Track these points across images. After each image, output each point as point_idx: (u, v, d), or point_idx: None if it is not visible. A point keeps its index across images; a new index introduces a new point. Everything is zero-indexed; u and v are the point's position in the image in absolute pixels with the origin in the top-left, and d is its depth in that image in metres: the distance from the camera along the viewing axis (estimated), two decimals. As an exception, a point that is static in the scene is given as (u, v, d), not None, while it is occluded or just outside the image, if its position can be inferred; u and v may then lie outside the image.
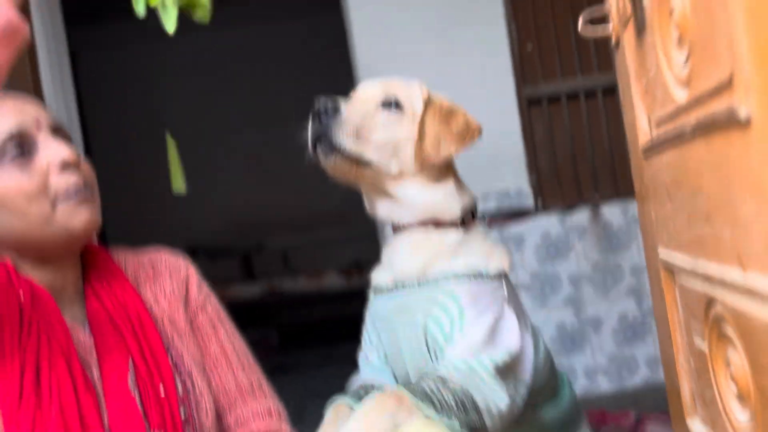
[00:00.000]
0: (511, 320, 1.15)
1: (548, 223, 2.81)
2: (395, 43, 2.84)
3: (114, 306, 1.07)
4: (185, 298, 1.16)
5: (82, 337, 1.03)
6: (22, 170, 0.96)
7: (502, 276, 1.21)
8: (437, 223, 1.20)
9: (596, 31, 1.00)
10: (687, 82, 0.71)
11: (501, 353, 1.10)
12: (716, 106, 0.61)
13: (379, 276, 1.25)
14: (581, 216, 2.83)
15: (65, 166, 0.99)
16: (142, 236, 5.41)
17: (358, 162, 1.16)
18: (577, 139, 2.91)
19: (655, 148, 0.86)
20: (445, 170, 1.24)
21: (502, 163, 2.76)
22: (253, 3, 5.56)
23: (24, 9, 0.85)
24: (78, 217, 0.99)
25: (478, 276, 1.17)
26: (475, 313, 1.12)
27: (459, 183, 1.25)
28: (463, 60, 2.79)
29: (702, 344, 0.80)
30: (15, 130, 0.97)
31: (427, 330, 1.14)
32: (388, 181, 1.20)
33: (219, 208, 5.83)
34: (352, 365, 1.27)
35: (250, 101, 5.82)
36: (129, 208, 5.32)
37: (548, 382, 1.24)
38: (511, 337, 1.13)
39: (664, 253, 0.89)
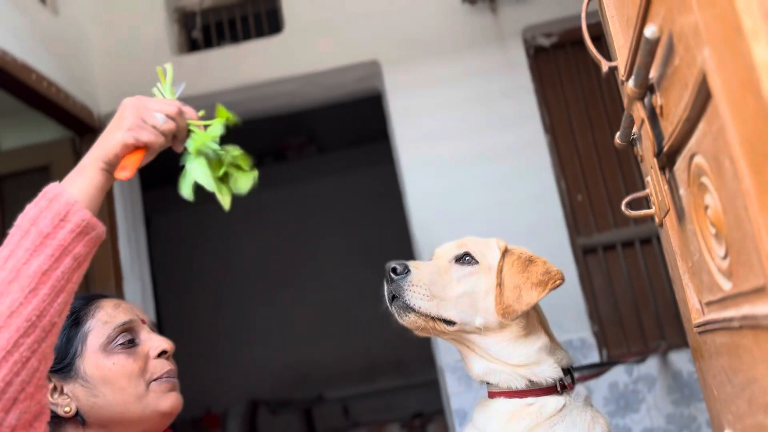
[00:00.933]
0: None
1: (615, 373, 2.73)
2: (446, 198, 2.96)
3: None
4: None
5: None
6: (127, 355, 1.14)
7: None
8: (534, 390, 1.17)
9: (639, 212, 1.06)
10: (729, 274, 0.75)
11: None
12: (758, 308, 0.64)
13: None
14: (649, 365, 2.74)
15: (162, 354, 1.18)
16: (206, 390, 5.48)
17: (436, 319, 1.18)
18: (637, 287, 2.89)
19: (708, 328, 0.88)
20: (536, 325, 1.23)
21: (563, 314, 2.75)
22: (310, 160, 5.91)
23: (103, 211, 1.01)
24: (166, 399, 1.15)
25: None
26: None
27: (553, 341, 1.24)
28: (516, 214, 2.88)
29: None
30: (125, 323, 1.16)
31: None
32: (474, 336, 1.21)
33: (279, 361, 5.87)
34: None
35: (308, 255, 6.02)
36: (193, 362, 5.41)
37: None
38: None
39: (732, 434, 0.88)
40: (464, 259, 1.23)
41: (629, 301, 2.88)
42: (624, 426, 2.66)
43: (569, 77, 3.12)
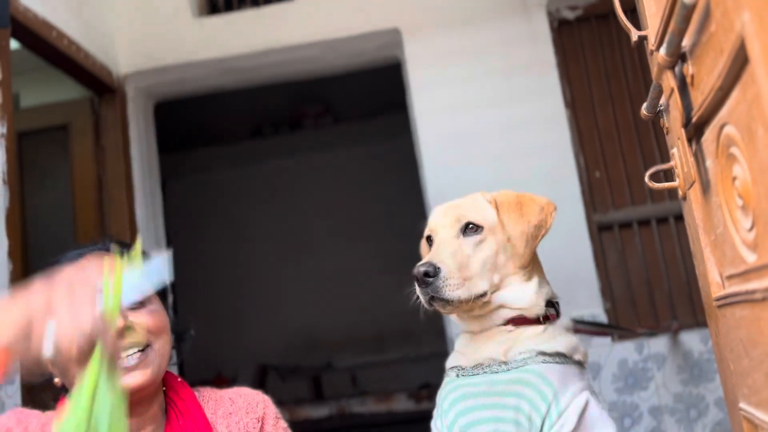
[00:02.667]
0: (595, 406, 1.17)
1: (624, 350, 2.74)
2: (464, 171, 2.95)
3: None
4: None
5: None
6: None
7: (584, 366, 1.25)
8: (522, 320, 1.23)
9: (663, 185, 1.05)
10: (754, 247, 0.74)
11: None
12: (783, 278, 0.64)
13: (456, 360, 1.27)
14: (659, 344, 2.75)
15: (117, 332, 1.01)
16: (217, 354, 5.55)
17: (472, 298, 1.21)
18: (651, 265, 2.88)
19: (728, 301, 0.88)
20: (533, 264, 1.28)
21: (576, 289, 2.75)
22: (324, 130, 5.90)
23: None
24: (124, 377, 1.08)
25: (563, 359, 1.20)
26: (568, 397, 1.15)
27: (542, 276, 1.29)
28: (533, 189, 2.85)
29: (792, 508, 0.77)
30: None
31: (520, 411, 1.15)
32: (493, 296, 1.25)
33: (289, 328, 5.93)
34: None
35: (320, 223, 6.04)
36: (205, 326, 5.48)
37: None
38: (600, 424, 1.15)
39: (746, 408, 0.89)
40: (469, 228, 1.24)
41: (642, 280, 2.87)
42: (632, 403, 2.68)
43: (592, 51, 3.07)
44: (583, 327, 2.29)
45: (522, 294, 1.24)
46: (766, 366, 0.76)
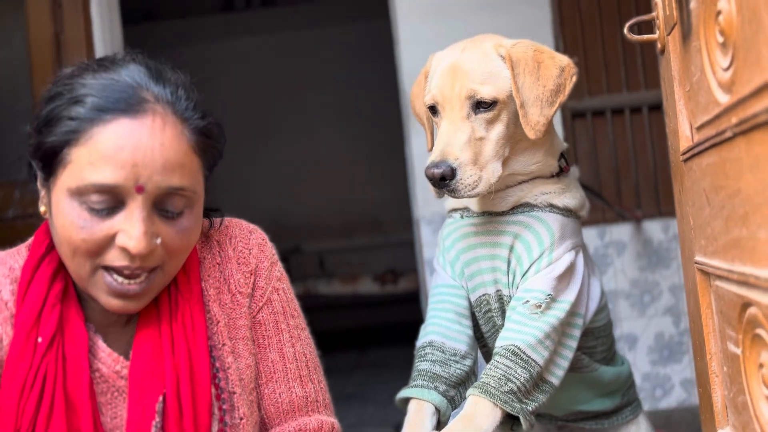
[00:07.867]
0: (580, 265, 1.17)
1: (587, 236, 2.78)
2: (441, 49, 2.85)
3: (170, 329, 0.93)
4: (251, 292, 1.03)
5: (115, 365, 0.92)
6: (90, 218, 0.84)
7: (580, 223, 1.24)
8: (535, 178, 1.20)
9: (641, 36, 1.01)
10: (730, 86, 0.72)
11: (567, 301, 1.12)
12: (757, 106, 0.62)
13: (461, 204, 1.24)
14: (621, 231, 2.80)
15: (124, 252, 0.85)
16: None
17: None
18: (620, 155, 2.88)
19: (696, 151, 0.86)
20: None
21: (542, 174, 2.74)
22: (297, 7, 5.65)
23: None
24: (108, 301, 0.88)
25: (570, 214, 1.19)
26: (562, 250, 1.15)
27: (553, 133, 1.22)
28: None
29: (736, 349, 0.80)
30: (105, 187, 0.83)
31: (513, 250, 1.16)
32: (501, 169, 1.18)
33: (258, 211, 5.91)
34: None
35: (291, 107, 5.90)
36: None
37: (605, 332, 1.27)
38: (578, 283, 1.15)
39: (701, 260, 0.89)
40: (481, 105, 1.10)
41: (611, 169, 2.88)
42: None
43: (581, -71, 2.92)
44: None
45: (534, 157, 1.17)
46: (727, 210, 0.75)
